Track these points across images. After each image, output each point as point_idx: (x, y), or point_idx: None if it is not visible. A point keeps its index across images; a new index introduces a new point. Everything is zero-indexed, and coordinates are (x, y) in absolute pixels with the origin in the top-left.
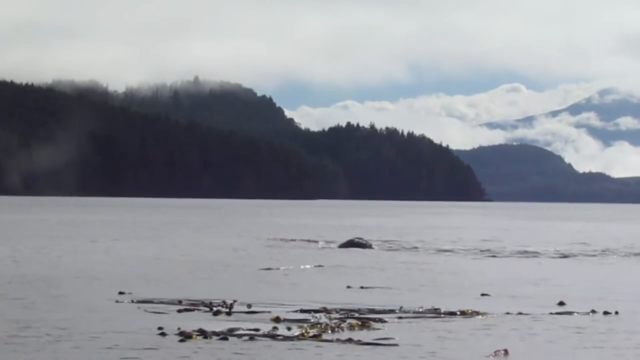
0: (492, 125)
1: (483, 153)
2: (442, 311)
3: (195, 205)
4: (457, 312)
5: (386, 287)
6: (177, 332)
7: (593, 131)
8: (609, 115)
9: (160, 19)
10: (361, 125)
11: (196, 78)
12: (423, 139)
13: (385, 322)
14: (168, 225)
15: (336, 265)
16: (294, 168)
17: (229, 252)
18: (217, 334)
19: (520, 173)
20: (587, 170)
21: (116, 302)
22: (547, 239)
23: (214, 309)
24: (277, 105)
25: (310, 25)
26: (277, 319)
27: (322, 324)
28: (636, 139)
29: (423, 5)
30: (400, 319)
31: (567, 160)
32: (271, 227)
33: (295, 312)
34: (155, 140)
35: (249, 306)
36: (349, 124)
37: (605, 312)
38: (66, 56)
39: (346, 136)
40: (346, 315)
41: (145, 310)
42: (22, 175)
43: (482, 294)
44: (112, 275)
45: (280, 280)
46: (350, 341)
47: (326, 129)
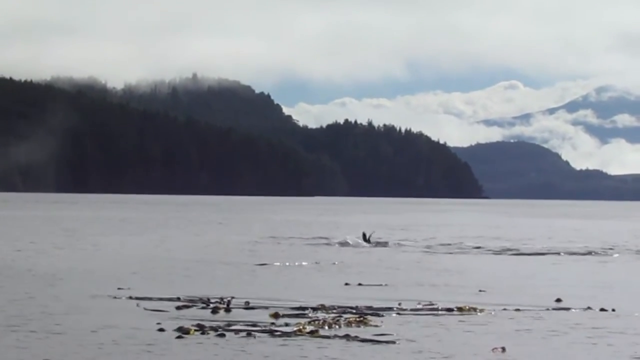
0: (489, 123)
1: (480, 150)
2: (439, 308)
3: (194, 202)
4: (455, 309)
5: (384, 283)
6: (175, 328)
7: (590, 128)
8: (606, 113)
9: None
10: (359, 122)
11: (195, 75)
12: (421, 136)
13: (383, 318)
14: (166, 221)
15: (334, 262)
16: (292, 165)
17: (226, 249)
18: (215, 329)
19: (518, 170)
20: (584, 168)
21: (114, 298)
22: (544, 236)
23: (212, 305)
24: (276, 102)
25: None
26: (275, 315)
27: (319, 320)
28: (633, 136)
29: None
30: (397, 315)
31: (564, 157)
32: (270, 224)
33: (293, 308)
34: (153, 137)
35: (247, 302)
36: (346, 121)
37: (602, 309)
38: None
39: (344, 133)
40: (344, 312)
41: (144, 307)
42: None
43: (480, 291)
44: (110, 271)
45: (278, 277)
46: (347, 337)
47: (324, 126)
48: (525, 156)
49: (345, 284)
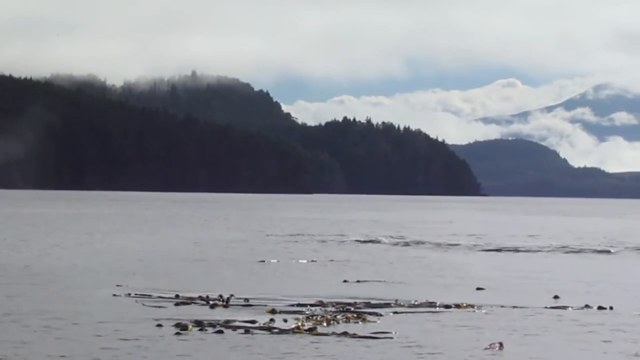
0: (487, 120)
1: (479, 148)
2: (437, 305)
3: (192, 199)
4: (452, 306)
5: (382, 280)
6: (174, 325)
7: (588, 126)
8: (604, 111)
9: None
10: (357, 120)
11: (194, 73)
12: (419, 134)
13: (381, 315)
14: (165, 219)
15: (333, 260)
16: (290, 162)
17: (225, 246)
18: (213, 326)
19: (516, 168)
20: (582, 166)
21: (114, 295)
22: (542, 234)
23: (211, 302)
24: (274, 100)
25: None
26: (274, 312)
27: (317, 317)
28: (631, 134)
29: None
30: (395, 312)
31: (562, 155)
32: (268, 222)
33: (291, 305)
34: (152, 134)
35: (246, 299)
36: (345, 118)
37: (600, 307)
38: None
39: (343, 131)
40: (342, 309)
41: (143, 304)
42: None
43: (477, 288)
44: (110, 268)
45: (276, 274)
46: (345, 334)
47: (323, 124)
48: (523, 154)
49: (344, 281)
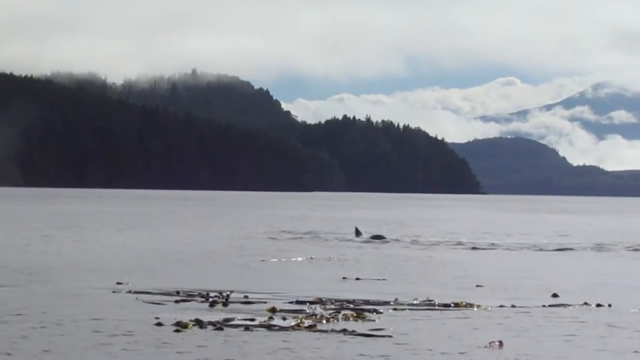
0: (486, 119)
1: (478, 146)
2: (436, 303)
3: (192, 197)
4: (452, 304)
5: (381, 279)
6: (173, 322)
7: (587, 125)
8: (603, 109)
9: (158, 12)
10: (357, 118)
11: (194, 71)
12: (418, 132)
13: (380, 313)
14: (165, 216)
15: (332, 257)
16: (290, 160)
17: (225, 244)
18: (213, 324)
19: (515, 166)
20: (581, 164)
21: (113, 292)
22: (541, 232)
23: (211, 299)
24: (274, 98)
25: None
26: (273, 310)
27: (317, 314)
28: (629, 132)
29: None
30: (394, 310)
31: (561, 153)
32: (268, 219)
33: (291, 303)
34: (152, 133)
35: (246, 297)
36: (345, 116)
37: (598, 305)
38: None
39: (342, 129)
40: (341, 307)
41: (143, 301)
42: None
43: (477, 286)
44: (110, 265)
45: (276, 272)
46: (344, 332)
47: (323, 122)
48: (522, 152)
49: (343, 279)
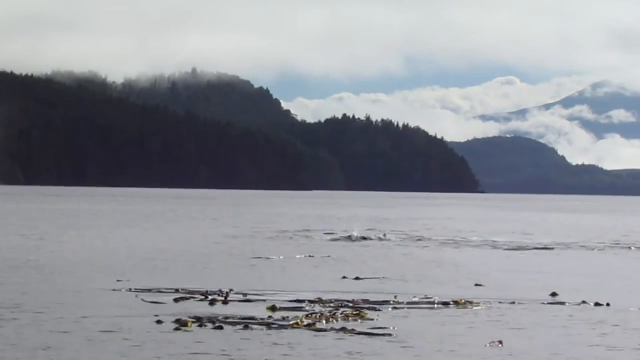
0: (486, 118)
1: (477, 145)
2: (436, 301)
3: (193, 196)
4: (451, 303)
5: (381, 277)
6: (173, 320)
7: (586, 124)
8: (602, 109)
9: (158, 11)
10: (357, 117)
11: (194, 70)
12: (418, 131)
13: (380, 311)
14: (165, 215)
15: (331, 256)
16: (290, 159)
17: (225, 242)
18: (212, 322)
19: (514, 165)
20: (580, 163)
21: (114, 290)
22: (540, 231)
23: (211, 298)
24: (274, 97)
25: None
26: (273, 308)
27: (316, 313)
28: (628, 131)
29: None
30: (394, 309)
31: (560, 152)
32: (268, 218)
33: (290, 301)
34: (153, 131)
35: (245, 295)
36: (345, 115)
37: (597, 304)
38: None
39: (342, 128)
40: (341, 305)
41: (143, 299)
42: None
43: (476, 285)
44: (110, 263)
45: (276, 270)
46: (344, 331)
47: (322, 121)
48: (521, 151)
49: (343, 278)
